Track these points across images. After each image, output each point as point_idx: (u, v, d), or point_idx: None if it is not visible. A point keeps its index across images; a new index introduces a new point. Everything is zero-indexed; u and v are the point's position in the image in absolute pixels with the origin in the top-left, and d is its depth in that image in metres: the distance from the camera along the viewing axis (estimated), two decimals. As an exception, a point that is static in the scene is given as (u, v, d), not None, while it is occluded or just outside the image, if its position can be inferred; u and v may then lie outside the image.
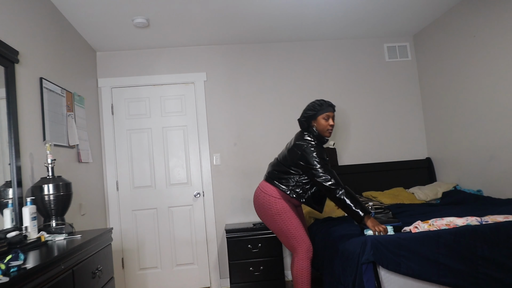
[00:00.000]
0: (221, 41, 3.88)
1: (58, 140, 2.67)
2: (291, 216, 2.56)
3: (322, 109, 2.51)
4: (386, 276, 1.96)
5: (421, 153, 4.11)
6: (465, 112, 3.47)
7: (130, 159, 3.80)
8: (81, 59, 3.37)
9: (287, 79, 4.03)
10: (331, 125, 2.52)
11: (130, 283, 3.69)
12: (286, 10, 3.28)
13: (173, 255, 3.76)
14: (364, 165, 3.94)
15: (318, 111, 2.52)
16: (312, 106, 2.56)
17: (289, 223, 2.55)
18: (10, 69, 2.09)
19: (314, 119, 2.54)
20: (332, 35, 3.98)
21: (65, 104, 2.85)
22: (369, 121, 4.08)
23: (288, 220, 2.55)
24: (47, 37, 2.68)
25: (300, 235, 2.56)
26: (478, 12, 3.22)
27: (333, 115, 2.55)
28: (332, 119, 2.53)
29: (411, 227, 2.17)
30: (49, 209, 2.15)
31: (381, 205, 3.26)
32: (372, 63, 4.15)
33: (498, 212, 2.45)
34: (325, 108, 2.51)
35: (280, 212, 2.55)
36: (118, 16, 3.11)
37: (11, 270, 1.32)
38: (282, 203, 2.56)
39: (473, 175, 3.44)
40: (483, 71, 3.22)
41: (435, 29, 3.80)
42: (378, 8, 3.39)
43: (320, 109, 2.52)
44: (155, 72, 3.88)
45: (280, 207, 2.55)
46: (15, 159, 2.06)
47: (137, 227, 3.75)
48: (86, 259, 1.91)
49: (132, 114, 3.85)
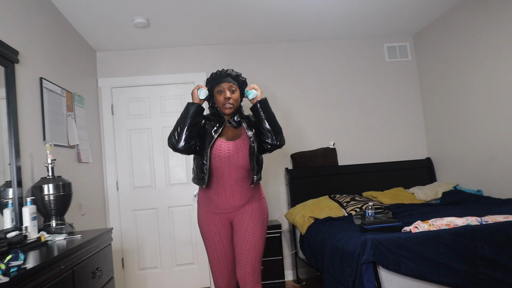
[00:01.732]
0: (221, 41, 3.88)
1: (58, 140, 2.67)
2: (205, 233, 2.12)
3: (214, 81, 2.09)
4: (386, 276, 1.96)
5: (421, 153, 4.11)
6: (465, 112, 3.47)
7: (130, 159, 3.80)
8: (81, 59, 3.37)
9: (287, 79, 4.03)
10: (226, 98, 2.03)
11: (130, 283, 3.69)
12: (286, 10, 3.28)
13: (173, 255, 3.76)
14: (364, 165, 3.93)
15: (212, 85, 2.10)
16: (207, 81, 2.15)
17: (205, 242, 2.14)
18: (10, 69, 2.09)
19: (213, 95, 2.11)
20: (332, 35, 3.98)
21: (65, 104, 2.85)
22: (369, 121, 4.08)
23: (204, 239, 2.14)
24: (47, 37, 2.68)
25: (211, 263, 2.13)
26: (478, 12, 3.22)
27: (231, 85, 2.05)
28: (229, 91, 2.04)
29: (411, 227, 2.17)
30: (49, 209, 2.14)
31: (381, 205, 3.26)
32: (372, 63, 4.15)
33: (498, 212, 2.45)
34: (217, 79, 2.07)
35: (199, 226, 2.17)
36: (118, 16, 3.11)
37: (11, 270, 1.32)
38: (198, 214, 2.17)
39: (473, 175, 3.44)
40: (483, 71, 3.22)
41: (435, 29, 3.80)
42: (378, 8, 3.39)
43: (213, 82, 2.10)
44: (155, 72, 3.88)
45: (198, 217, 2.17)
46: (15, 159, 2.06)
47: (137, 227, 3.75)
48: (86, 259, 1.91)
49: (132, 114, 3.84)
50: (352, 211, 3.24)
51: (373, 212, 2.54)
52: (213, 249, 2.10)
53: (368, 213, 2.54)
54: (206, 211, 2.11)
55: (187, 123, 1.97)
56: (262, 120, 2.05)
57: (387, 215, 2.66)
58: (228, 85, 2.05)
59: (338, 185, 3.83)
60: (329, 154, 3.88)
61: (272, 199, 3.90)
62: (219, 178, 2.05)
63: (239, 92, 2.11)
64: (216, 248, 2.10)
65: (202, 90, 2.05)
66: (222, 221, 2.10)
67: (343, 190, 3.81)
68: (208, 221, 2.10)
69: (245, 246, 2.05)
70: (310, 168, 3.81)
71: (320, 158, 3.85)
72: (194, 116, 1.99)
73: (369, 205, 2.64)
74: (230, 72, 2.10)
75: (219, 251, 2.10)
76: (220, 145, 2.04)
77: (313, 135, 3.99)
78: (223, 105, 2.05)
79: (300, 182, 3.80)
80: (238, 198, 2.07)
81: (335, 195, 3.60)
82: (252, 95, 2.08)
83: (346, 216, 3.19)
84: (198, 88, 2.06)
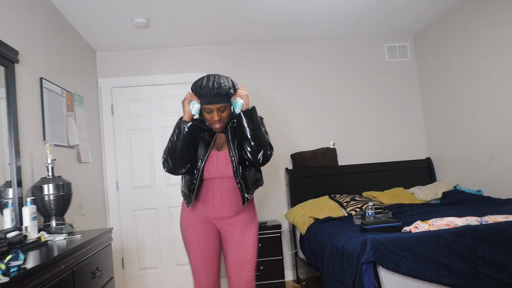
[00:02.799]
0: (221, 41, 3.88)
1: (58, 140, 2.67)
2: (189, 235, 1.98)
3: (201, 98, 1.81)
4: (386, 276, 1.96)
5: (421, 153, 4.11)
6: (465, 112, 3.47)
7: (130, 159, 3.80)
8: (81, 59, 3.37)
9: (287, 79, 4.03)
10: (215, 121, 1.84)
11: (130, 283, 3.69)
12: (286, 10, 3.28)
13: (173, 255, 3.76)
14: (364, 165, 3.93)
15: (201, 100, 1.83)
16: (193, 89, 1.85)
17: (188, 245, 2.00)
18: (10, 69, 2.09)
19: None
20: (332, 35, 3.98)
21: (65, 104, 2.85)
22: (368, 121, 4.08)
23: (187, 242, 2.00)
24: (47, 37, 2.68)
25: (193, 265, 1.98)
26: (478, 12, 3.22)
27: (220, 106, 1.80)
28: (217, 112, 1.81)
29: (411, 227, 2.17)
30: (49, 209, 2.14)
31: (381, 205, 3.26)
32: (372, 63, 4.15)
33: (498, 212, 2.45)
34: (205, 98, 1.80)
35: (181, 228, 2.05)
36: (118, 16, 3.11)
37: (11, 270, 1.32)
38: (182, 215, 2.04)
39: (473, 175, 3.44)
40: (483, 71, 3.22)
41: (435, 29, 3.80)
42: (378, 8, 3.39)
43: (199, 98, 1.83)
44: (155, 72, 3.88)
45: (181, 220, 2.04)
46: (15, 159, 2.06)
47: (137, 227, 3.75)
48: (86, 259, 1.91)
49: (132, 114, 3.84)
50: (352, 211, 3.24)
51: (373, 212, 2.54)
52: (198, 251, 1.94)
53: (368, 213, 2.55)
54: (190, 214, 1.98)
55: (182, 147, 1.81)
56: (244, 131, 1.83)
57: (387, 215, 2.66)
58: (217, 106, 1.80)
59: (338, 185, 3.83)
60: (329, 154, 3.88)
61: (272, 199, 3.90)
62: (209, 187, 1.92)
63: (229, 107, 1.88)
64: (202, 249, 1.94)
65: (195, 105, 1.83)
66: (208, 223, 1.98)
67: (343, 190, 3.81)
68: (192, 223, 1.97)
69: (237, 260, 1.93)
70: (310, 168, 3.81)
71: (320, 158, 3.85)
72: (189, 137, 1.81)
73: (369, 205, 2.64)
74: (220, 91, 1.77)
75: (205, 253, 1.94)
76: (211, 157, 1.90)
77: (313, 135, 3.99)
78: (212, 124, 1.86)
79: (300, 182, 3.80)
80: (227, 209, 1.93)
81: (335, 195, 3.60)
82: (239, 108, 1.84)
83: (346, 216, 3.19)
84: (190, 101, 1.84)
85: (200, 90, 1.79)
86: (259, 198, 3.83)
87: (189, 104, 1.84)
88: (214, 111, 1.81)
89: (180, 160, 1.84)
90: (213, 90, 1.77)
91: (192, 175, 1.89)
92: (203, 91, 1.78)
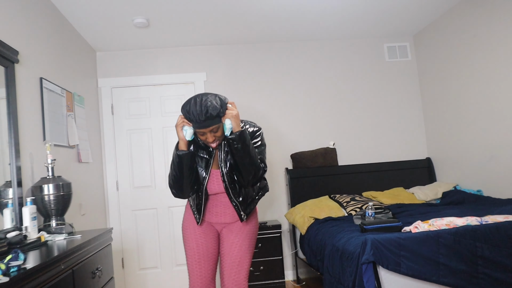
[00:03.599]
0: (221, 41, 3.88)
1: (58, 140, 2.67)
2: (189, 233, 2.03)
3: (193, 123, 1.75)
4: (386, 276, 1.96)
5: (421, 153, 4.11)
6: (465, 112, 3.47)
7: (130, 159, 3.80)
8: (81, 59, 3.37)
9: (287, 79, 4.03)
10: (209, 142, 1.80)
11: (130, 283, 3.69)
12: (286, 10, 3.28)
13: (173, 255, 3.76)
14: (364, 165, 3.93)
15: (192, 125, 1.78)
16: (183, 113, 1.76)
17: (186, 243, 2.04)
18: (10, 69, 2.09)
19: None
20: (332, 35, 3.98)
21: (65, 104, 2.85)
22: (369, 121, 4.08)
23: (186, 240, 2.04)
24: (47, 37, 2.68)
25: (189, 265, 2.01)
26: (478, 12, 3.22)
27: (212, 128, 1.73)
28: (210, 134, 1.76)
29: (411, 227, 2.17)
30: (49, 209, 2.14)
31: (381, 205, 3.26)
32: (372, 63, 4.15)
33: (498, 212, 2.45)
34: (196, 124, 1.73)
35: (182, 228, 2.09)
36: (118, 16, 3.11)
37: (11, 270, 1.32)
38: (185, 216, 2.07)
39: (473, 175, 3.44)
40: (483, 71, 3.22)
41: (435, 29, 3.80)
42: (378, 8, 3.39)
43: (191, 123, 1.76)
44: (155, 72, 3.88)
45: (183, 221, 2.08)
46: (15, 159, 2.06)
47: (137, 227, 3.75)
48: (86, 259, 1.91)
49: (132, 114, 3.84)
50: (352, 211, 3.24)
51: (373, 212, 2.54)
52: (196, 251, 1.98)
53: (368, 213, 2.55)
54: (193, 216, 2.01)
55: (185, 175, 1.80)
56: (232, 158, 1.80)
57: (387, 215, 2.66)
58: (209, 129, 1.73)
59: (338, 185, 3.83)
60: (329, 154, 3.88)
61: (272, 199, 3.90)
62: (212, 199, 1.98)
63: (222, 126, 1.78)
64: (200, 250, 1.98)
65: (188, 130, 1.77)
66: (209, 226, 2.03)
67: (343, 190, 3.81)
68: (194, 224, 2.01)
69: (230, 262, 1.96)
70: (310, 168, 3.81)
71: (320, 158, 3.85)
72: (189, 164, 1.80)
73: (369, 205, 2.64)
74: (208, 115, 1.67)
75: (202, 254, 1.98)
76: (212, 176, 1.91)
77: (313, 135, 3.99)
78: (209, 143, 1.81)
79: (300, 182, 3.80)
80: (230, 217, 1.99)
81: (335, 195, 3.60)
82: (228, 130, 1.76)
83: (346, 216, 3.19)
84: (182, 127, 1.78)
85: (189, 115, 1.71)
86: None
87: (182, 130, 1.78)
88: (207, 133, 1.75)
89: (186, 186, 1.84)
90: (202, 115, 1.67)
91: (198, 194, 1.92)
92: (192, 116, 1.70)
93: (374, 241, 1.94)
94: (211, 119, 1.70)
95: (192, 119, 1.72)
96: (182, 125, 1.78)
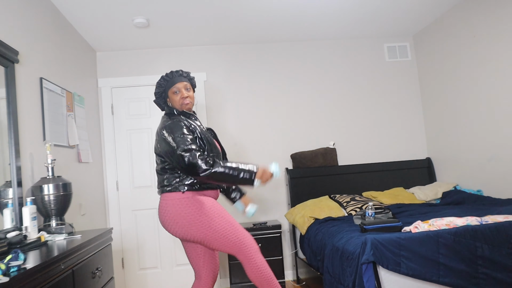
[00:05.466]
0: (221, 41, 3.88)
1: (58, 140, 2.67)
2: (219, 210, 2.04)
3: (168, 82, 2.13)
4: (386, 276, 1.96)
5: (421, 153, 4.11)
6: (465, 112, 3.47)
7: (130, 159, 3.80)
8: (81, 59, 3.37)
9: (287, 79, 4.03)
10: (184, 98, 2.10)
11: (130, 283, 3.69)
12: (286, 10, 3.28)
13: (173, 255, 3.76)
14: (364, 165, 3.93)
15: (166, 87, 2.14)
16: (158, 84, 2.16)
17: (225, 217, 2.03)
18: (10, 69, 2.09)
19: (168, 97, 2.15)
20: (332, 35, 3.98)
21: (65, 104, 2.85)
22: (369, 121, 4.08)
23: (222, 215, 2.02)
24: (47, 37, 2.68)
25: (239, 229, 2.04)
26: (478, 12, 3.22)
27: (185, 84, 2.12)
28: (184, 90, 2.11)
29: (411, 227, 2.17)
30: (49, 209, 2.14)
31: (381, 205, 3.26)
32: (372, 63, 4.15)
33: (498, 212, 2.45)
34: (171, 80, 2.12)
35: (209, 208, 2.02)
36: (118, 16, 3.11)
37: (11, 270, 1.32)
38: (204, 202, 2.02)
39: (473, 175, 3.44)
40: (483, 71, 3.22)
41: (435, 29, 3.80)
42: (378, 8, 3.39)
43: (166, 84, 2.14)
44: (155, 72, 3.88)
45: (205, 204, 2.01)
46: (15, 159, 2.06)
47: (137, 227, 3.75)
48: (86, 259, 1.91)
49: (132, 114, 3.84)
50: (352, 211, 3.24)
51: (373, 212, 2.54)
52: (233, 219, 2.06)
53: (368, 213, 2.54)
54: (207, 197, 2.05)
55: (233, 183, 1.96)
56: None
57: (387, 215, 2.66)
58: (183, 85, 2.12)
59: (338, 185, 3.83)
60: (329, 154, 3.88)
61: (272, 199, 3.90)
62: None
63: (193, 91, 2.21)
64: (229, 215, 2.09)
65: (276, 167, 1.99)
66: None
67: (343, 190, 3.81)
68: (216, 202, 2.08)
69: None
70: (310, 168, 3.81)
71: (320, 158, 3.85)
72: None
73: (369, 205, 2.64)
74: (181, 73, 2.16)
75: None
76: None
77: (313, 135, 3.99)
78: (183, 103, 2.11)
79: (300, 182, 3.80)
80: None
81: (335, 195, 3.60)
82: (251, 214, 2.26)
83: (346, 216, 3.19)
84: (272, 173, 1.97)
85: (166, 77, 2.14)
86: (259, 198, 3.83)
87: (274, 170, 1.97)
88: (181, 89, 2.12)
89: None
90: (177, 72, 2.15)
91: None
92: (169, 76, 2.13)
93: (374, 241, 1.94)
94: (185, 77, 2.16)
95: (168, 78, 2.13)
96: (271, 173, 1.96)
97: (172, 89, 2.11)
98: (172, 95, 2.12)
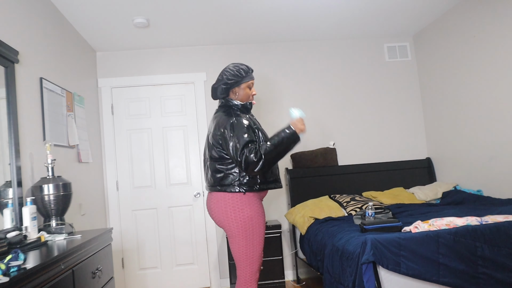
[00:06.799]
0: (221, 41, 3.88)
1: (58, 140, 2.67)
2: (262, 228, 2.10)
3: (248, 75, 2.21)
4: (386, 276, 1.96)
5: (421, 153, 4.11)
6: (465, 112, 3.47)
7: (130, 159, 3.80)
8: (81, 59, 3.37)
9: (287, 79, 4.03)
10: (254, 94, 2.26)
11: (130, 283, 3.69)
12: (286, 10, 3.28)
13: (173, 255, 3.76)
14: (364, 165, 3.93)
15: (244, 78, 2.19)
16: (235, 74, 2.17)
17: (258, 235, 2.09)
18: (10, 69, 2.09)
19: (238, 87, 2.19)
20: (332, 35, 3.98)
21: (65, 104, 2.85)
22: (369, 121, 4.08)
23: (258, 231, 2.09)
24: (47, 37, 2.68)
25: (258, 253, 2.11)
26: (478, 12, 3.22)
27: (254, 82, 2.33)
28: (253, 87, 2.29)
29: (411, 227, 2.17)
30: (49, 209, 2.14)
31: (381, 205, 3.26)
32: (372, 63, 4.15)
33: (498, 212, 2.45)
34: (250, 74, 2.22)
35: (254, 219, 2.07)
36: (118, 16, 3.11)
37: (11, 270, 1.32)
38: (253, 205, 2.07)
39: (473, 175, 3.44)
40: (483, 71, 3.22)
41: (435, 29, 3.80)
42: (378, 8, 3.39)
43: (246, 76, 2.20)
44: (155, 72, 3.88)
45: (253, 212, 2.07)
46: (15, 159, 2.06)
47: (137, 227, 3.75)
48: (86, 259, 1.91)
49: (132, 114, 3.85)
50: (352, 211, 3.24)
51: (373, 212, 2.54)
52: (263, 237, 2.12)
53: (368, 213, 2.54)
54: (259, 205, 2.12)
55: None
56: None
57: (387, 215, 2.66)
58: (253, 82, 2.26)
59: (338, 185, 3.84)
60: (329, 154, 3.88)
61: (272, 199, 3.90)
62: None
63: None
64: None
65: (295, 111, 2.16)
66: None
67: (343, 190, 3.81)
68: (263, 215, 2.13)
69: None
70: (310, 168, 3.81)
71: (320, 158, 3.85)
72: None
73: (369, 205, 2.64)
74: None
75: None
76: None
77: (313, 135, 3.99)
78: (252, 99, 2.27)
79: (300, 182, 3.80)
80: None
81: (335, 195, 3.60)
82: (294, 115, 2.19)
83: (346, 216, 3.19)
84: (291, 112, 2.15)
85: (243, 72, 2.18)
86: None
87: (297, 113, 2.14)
88: (253, 86, 2.26)
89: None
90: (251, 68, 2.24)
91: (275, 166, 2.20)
92: (246, 71, 2.19)
93: (374, 241, 1.94)
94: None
95: (246, 73, 2.19)
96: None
97: (248, 83, 2.20)
98: (246, 89, 2.20)
